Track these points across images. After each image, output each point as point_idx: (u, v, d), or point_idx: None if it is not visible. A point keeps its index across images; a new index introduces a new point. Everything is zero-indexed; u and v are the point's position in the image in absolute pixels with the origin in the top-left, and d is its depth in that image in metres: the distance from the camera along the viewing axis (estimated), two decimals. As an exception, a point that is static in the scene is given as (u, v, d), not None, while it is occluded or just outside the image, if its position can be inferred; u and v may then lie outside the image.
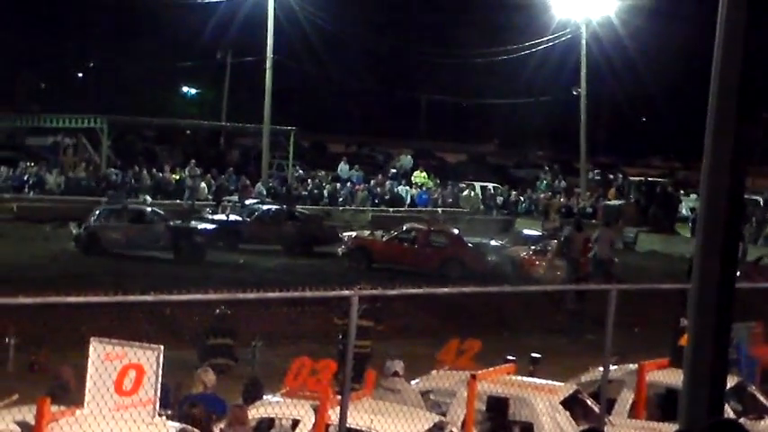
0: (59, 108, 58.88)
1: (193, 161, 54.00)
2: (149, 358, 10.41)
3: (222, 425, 12.08)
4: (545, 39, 56.18)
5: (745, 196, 9.07)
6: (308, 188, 53.35)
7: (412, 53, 66.60)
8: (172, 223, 35.73)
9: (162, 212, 37.35)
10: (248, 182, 51.73)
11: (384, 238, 35.97)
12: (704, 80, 8.78)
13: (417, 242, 35.33)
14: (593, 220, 45.61)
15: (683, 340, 11.34)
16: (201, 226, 36.52)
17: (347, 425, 11.10)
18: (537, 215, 50.82)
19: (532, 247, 35.18)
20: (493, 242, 37.00)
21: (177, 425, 11.15)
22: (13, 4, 65.63)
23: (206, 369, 14.21)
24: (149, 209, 38.11)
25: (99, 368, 10.39)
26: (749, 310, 14.44)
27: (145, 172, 52.20)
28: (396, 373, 13.79)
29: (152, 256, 34.34)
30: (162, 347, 10.50)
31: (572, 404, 13.67)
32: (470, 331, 15.16)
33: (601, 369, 13.34)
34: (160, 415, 10.86)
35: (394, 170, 60.30)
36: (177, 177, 52.20)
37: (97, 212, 36.33)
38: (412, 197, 54.39)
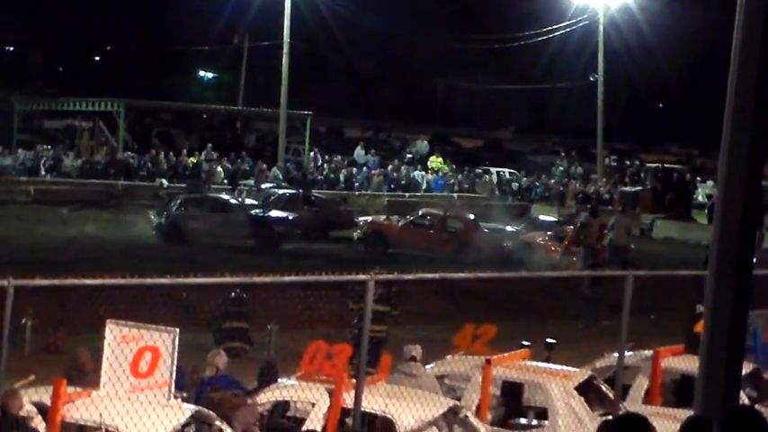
0: (76, 91, 59.02)
1: (210, 145, 54.07)
2: (165, 341, 10.46)
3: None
4: (563, 25, 56.04)
5: (763, 183, 9.03)
6: (324, 173, 53.37)
7: (429, 38, 66.46)
8: (251, 212, 35.89)
9: (238, 201, 37.50)
10: (264, 166, 51.78)
11: (400, 223, 35.96)
12: (722, 67, 8.76)
13: (433, 227, 35.32)
14: (610, 207, 45.54)
15: (699, 327, 11.35)
16: (282, 215, 36.57)
17: (362, 408, 11.14)
18: (553, 201, 50.74)
19: (548, 233, 35.13)
20: (509, 228, 36.96)
21: (192, 407, 11.20)
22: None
23: (217, 351, 14.20)
24: (229, 198, 38.36)
25: (115, 350, 10.44)
26: (765, 297, 14.40)
27: (162, 155, 52.29)
28: (413, 358, 13.80)
29: (232, 245, 34.22)
30: (177, 330, 10.55)
31: (586, 390, 13.67)
32: (486, 316, 15.16)
33: (616, 355, 13.35)
34: (176, 397, 10.91)
35: (410, 155, 60.25)
36: (195, 161, 52.28)
37: (178, 201, 36.80)
38: (428, 182, 54.35)
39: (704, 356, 8.49)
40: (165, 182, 47.62)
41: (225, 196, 39.15)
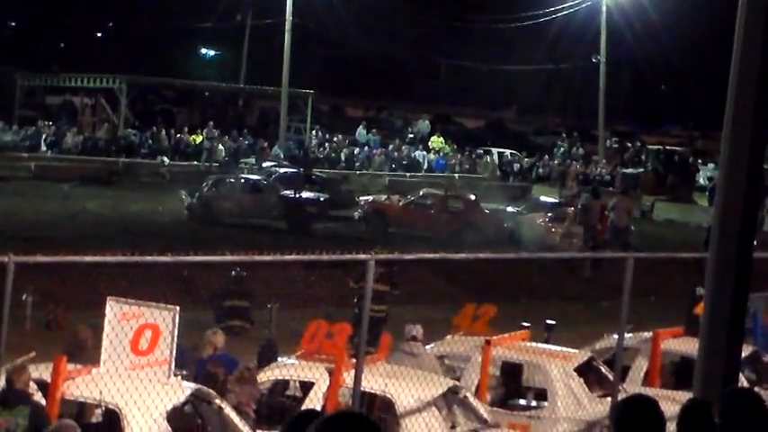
0: (78, 67, 58.91)
1: (211, 123, 54.00)
2: (165, 318, 10.46)
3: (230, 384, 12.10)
4: (566, 5, 55.90)
5: (765, 165, 9.03)
6: (326, 152, 53.32)
7: (432, 17, 66.26)
8: (283, 193, 35.86)
9: (269, 182, 37.45)
10: (266, 144, 51.70)
11: (401, 203, 35.97)
12: (726, 49, 8.74)
13: (434, 207, 35.32)
14: (611, 188, 45.52)
15: (699, 309, 11.36)
16: (313, 196, 36.56)
17: (362, 388, 11.15)
18: (554, 182, 50.71)
19: (549, 214, 35.12)
20: (509, 208, 36.96)
21: (192, 385, 11.21)
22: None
23: (215, 331, 14.21)
24: (258, 178, 38.25)
25: (115, 327, 10.45)
26: (766, 279, 14.40)
27: (163, 133, 52.21)
28: (414, 338, 13.80)
29: (264, 225, 34.26)
30: (178, 308, 10.56)
31: (586, 371, 13.69)
32: (486, 297, 15.17)
33: (616, 336, 13.36)
34: (176, 375, 10.92)
35: (411, 135, 60.19)
36: (199, 139, 52.17)
37: (210, 182, 36.75)
38: (429, 162, 54.31)
39: (704, 339, 8.50)
40: (165, 159, 47.57)
41: (257, 177, 39.06)
